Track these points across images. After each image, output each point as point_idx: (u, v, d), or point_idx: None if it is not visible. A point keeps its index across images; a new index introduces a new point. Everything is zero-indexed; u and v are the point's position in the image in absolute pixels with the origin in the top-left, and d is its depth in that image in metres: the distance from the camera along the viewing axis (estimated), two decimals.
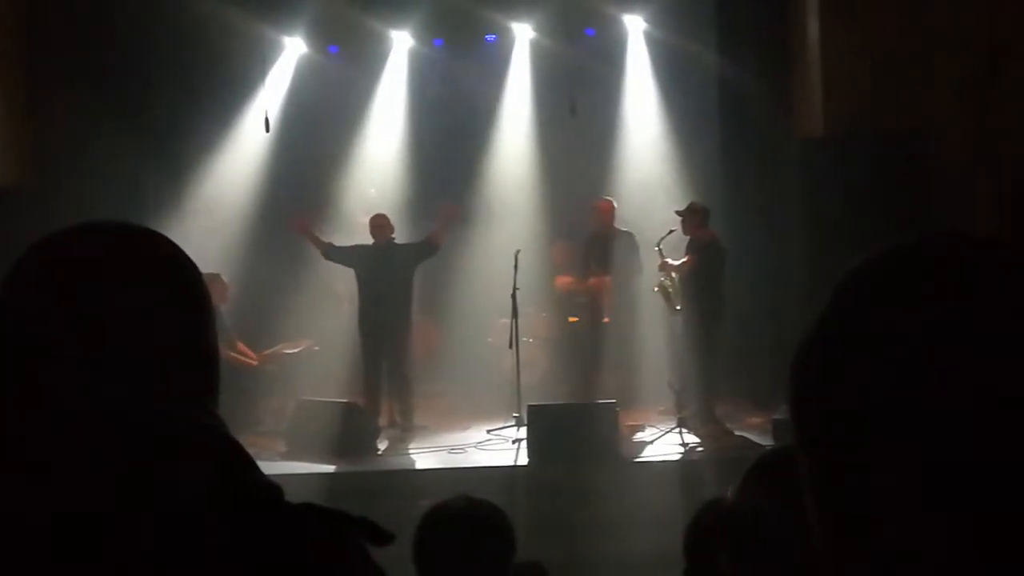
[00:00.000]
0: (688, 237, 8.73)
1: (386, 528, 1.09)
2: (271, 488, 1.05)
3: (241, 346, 9.39)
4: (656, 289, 8.96)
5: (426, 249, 9.11)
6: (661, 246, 8.77)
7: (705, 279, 8.47)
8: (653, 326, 9.43)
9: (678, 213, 8.75)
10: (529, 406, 7.99)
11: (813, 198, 8.66)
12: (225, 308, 9.10)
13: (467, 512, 2.51)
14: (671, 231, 8.80)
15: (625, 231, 9.75)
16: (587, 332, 10.24)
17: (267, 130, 10.28)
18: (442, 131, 11.22)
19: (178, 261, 1.14)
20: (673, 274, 8.70)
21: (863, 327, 0.71)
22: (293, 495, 1.07)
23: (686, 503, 6.58)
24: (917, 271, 0.72)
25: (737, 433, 8.33)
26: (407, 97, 11.32)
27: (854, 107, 8.58)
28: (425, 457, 8.08)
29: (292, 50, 11.06)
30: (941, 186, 8.26)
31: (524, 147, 11.24)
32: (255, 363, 9.40)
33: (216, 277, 8.70)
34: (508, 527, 2.54)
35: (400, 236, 9.43)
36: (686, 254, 8.66)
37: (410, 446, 8.43)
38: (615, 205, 9.87)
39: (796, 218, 9.07)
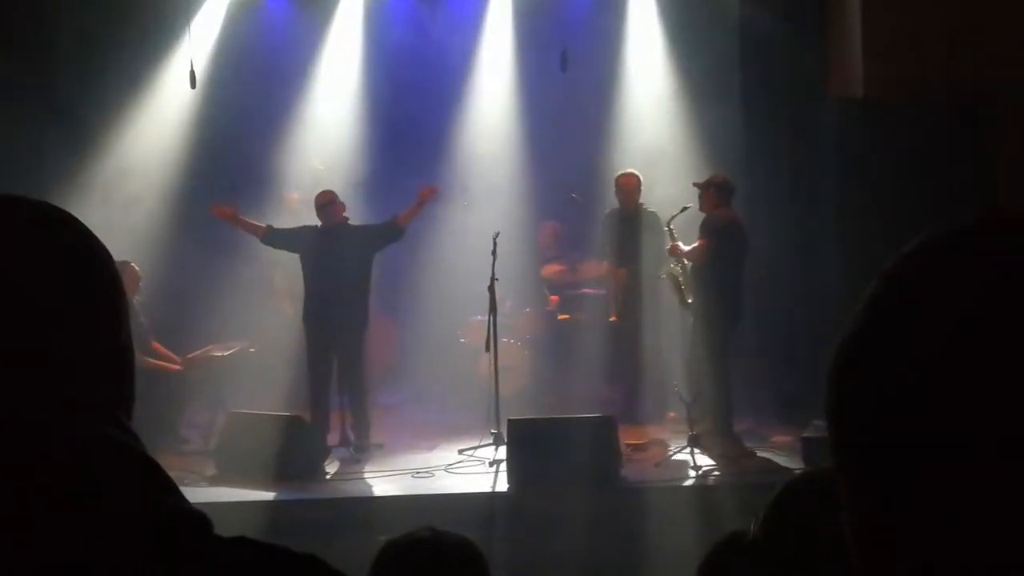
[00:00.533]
0: (704, 216, 8.75)
1: (336, 567, 1.08)
2: (197, 518, 1.04)
3: (159, 347, 9.36)
4: (664, 276, 8.97)
5: (389, 233, 9.10)
6: (672, 226, 8.77)
7: (720, 268, 8.48)
8: (666, 324, 9.45)
9: (696, 186, 8.77)
10: (510, 420, 8.00)
11: (851, 171, 8.70)
12: (138, 301, 9.06)
13: (432, 547, 2.51)
14: (684, 208, 8.78)
15: (651, 211, 9.68)
16: (583, 331, 10.26)
17: (192, 86, 10.21)
18: (406, 90, 11.19)
19: (85, 242, 1.13)
20: (685, 261, 8.72)
21: (919, 318, 0.71)
22: (224, 528, 1.06)
23: (699, 537, 6.59)
24: (982, 256, 0.72)
25: (760, 454, 8.37)
26: (363, 48, 11.28)
27: (900, 65, 8.61)
28: (384, 482, 8.08)
29: None
30: (999, 158, 8.32)
31: (505, 109, 11.23)
32: (178, 367, 9.37)
33: (125, 265, 8.67)
34: (482, 565, 2.54)
35: (353, 218, 9.40)
36: (699, 237, 8.67)
37: (365, 469, 8.43)
38: (641, 180, 9.82)
39: (831, 194, 9.10)
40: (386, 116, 11.20)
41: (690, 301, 8.69)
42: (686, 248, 8.68)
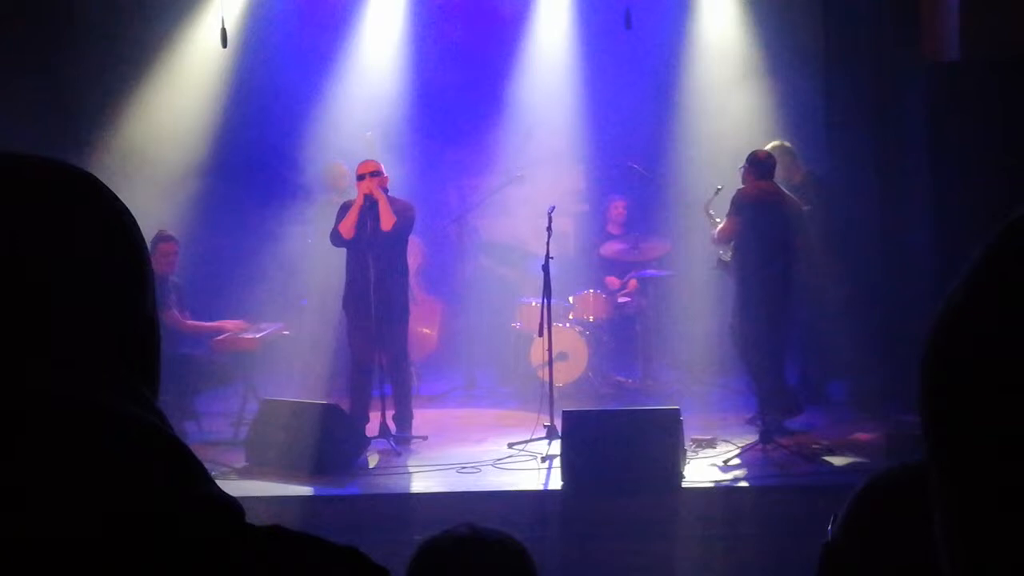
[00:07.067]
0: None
1: (376, 563, 1.09)
2: (229, 505, 1.05)
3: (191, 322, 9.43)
4: (715, 266, 9.03)
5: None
6: (712, 211, 8.87)
7: (754, 248, 8.51)
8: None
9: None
10: (565, 412, 7.99)
11: (944, 143, 8.58)
12: (172, 281, 9.15)
13: (473, 545, 2.50)
14: (718, 189, 8.92)
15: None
16: (646, 315, 10.23)
17: (224, 45, 10.27)
18: (454, 49, 11.17)
19: (105, 201, 1.14)
20: (721, 244, 8.87)
21: None
22: (256, 522, 1.07)
23: (769, 542, 6.57)
24: None
25: (840, 451, 8.31)
26: (408, 4, 11.26)
27: (1005, 23, 8.47)
28: (426, 478, 8.12)
29: None
30: None
31: (562, 71, 11.18)
32: (239, 328, 9.38)
33: (167, 237, 8.92)
34: (527, 565, 2.54)
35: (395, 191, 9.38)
36: (726, 216, 8.73)
37: (407, 463, 8.47)
38: None
39: (922, 170, 8.99)
40: (432, 78, 11.18)
41: None
42: (715, 231, 8.78)
